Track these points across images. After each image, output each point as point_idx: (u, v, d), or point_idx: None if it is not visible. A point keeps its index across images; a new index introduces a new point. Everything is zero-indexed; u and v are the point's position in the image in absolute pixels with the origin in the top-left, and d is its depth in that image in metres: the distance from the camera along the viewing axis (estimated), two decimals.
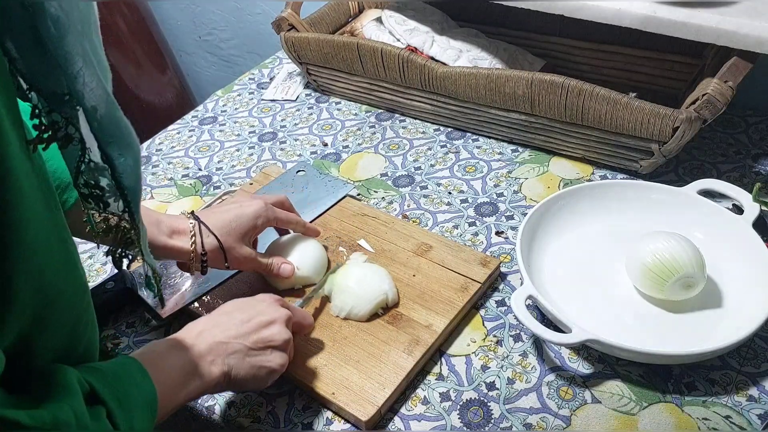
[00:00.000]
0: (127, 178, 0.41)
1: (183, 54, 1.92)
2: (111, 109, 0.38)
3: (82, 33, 0.35)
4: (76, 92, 0.35)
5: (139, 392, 0.45)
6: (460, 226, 0.81)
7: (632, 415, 0.59)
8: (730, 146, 0.89)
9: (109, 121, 0.38)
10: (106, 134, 0.38)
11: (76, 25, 0.34)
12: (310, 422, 0.61)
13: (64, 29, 0.33)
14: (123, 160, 0.40)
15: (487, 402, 0.61)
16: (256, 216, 0.67)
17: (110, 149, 0.39)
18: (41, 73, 0.34)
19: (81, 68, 0.35)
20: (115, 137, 0.39)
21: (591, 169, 0.87)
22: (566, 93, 0.79)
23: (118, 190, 0.41)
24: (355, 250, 0.76)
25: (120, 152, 0.40)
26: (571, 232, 0.75)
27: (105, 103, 0.38)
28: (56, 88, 0.35)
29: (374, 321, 0.67)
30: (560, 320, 0.61)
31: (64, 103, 0.35)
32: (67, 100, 0.35)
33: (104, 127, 0.38)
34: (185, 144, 1.04)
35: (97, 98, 0.37)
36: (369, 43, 0.94)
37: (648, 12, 0.75)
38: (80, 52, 0.35)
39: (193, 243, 0.63)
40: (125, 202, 0.42)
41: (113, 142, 0.39)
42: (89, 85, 0.36)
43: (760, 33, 0.71)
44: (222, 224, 0.65)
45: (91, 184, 0.41)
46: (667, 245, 0.63)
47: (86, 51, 0.35)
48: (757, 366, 0.62)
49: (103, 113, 0.37)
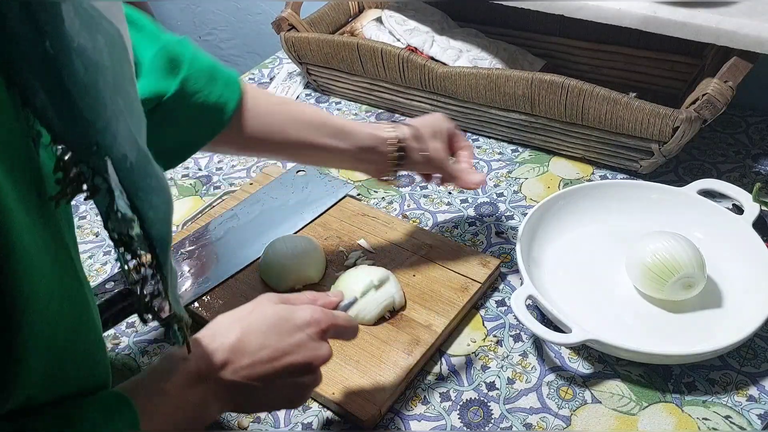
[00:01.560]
0: (155, 229, 0.38)
1: None
2: (141, 160, 0.36)
3: (114, 84, 0.33)
4: (105, 144, 0.33)
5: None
6: (460, 226, 0.81)
7: (632, 415, 0.59)
8: (730, 146, 0.89)
9: (138, 172, 0.36)
10: (134, 184, 0.35)
11: (108, 76, 0.32)
12: (310, 422, 0.61)
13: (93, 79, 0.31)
14: (152, 213, 0.37)
15: (487, 402, 0.61)
16: (443, 119, 0.71)
17: (138, 200, 0.36)
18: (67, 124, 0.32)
19: (110, 121, 0.33)
20: (144, 188, 0.36)
21: (591, 169, 0.88)
22: (566, 93, 0.79)
23: (146, 239, 0.38)
24: (354, 250, 0.76)
25: (149, 203, 0.37)
26: (571, 232, 0.75)
27: (136, 154, 0.35)
28: (83, 139, 0.32)
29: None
30: (560, 320, 0.61)
31: (91, 154, 0.33)
32: (95, 151, 0.33)
33: (133, 178, 0.35)
34: None
35: (127, 149, 0.34)
36: (369, 43, 0.94)
37: (648, 12, 0.75)
38: (110, 104, 0.33)
39: (393, 129, 0.66)
40: (153, 253, 0.39)
41: (141, 192, 0.36)
42: (119, 136, 0.34)
43: (760, 33, 0.71)
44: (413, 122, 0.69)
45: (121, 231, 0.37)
46: (667, 245, 0.63)
47: (117, 102, 0.33)
48: (757, 366, 0.62)
49: (133, 163, 0.35)
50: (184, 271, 0.75)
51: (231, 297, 0.72)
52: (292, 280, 0.71)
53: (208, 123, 0.60)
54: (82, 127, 0.32)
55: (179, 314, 0.42)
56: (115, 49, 0.34)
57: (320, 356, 0.50)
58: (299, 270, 0.71)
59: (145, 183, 0.36)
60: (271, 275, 0.72)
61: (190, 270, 0.75)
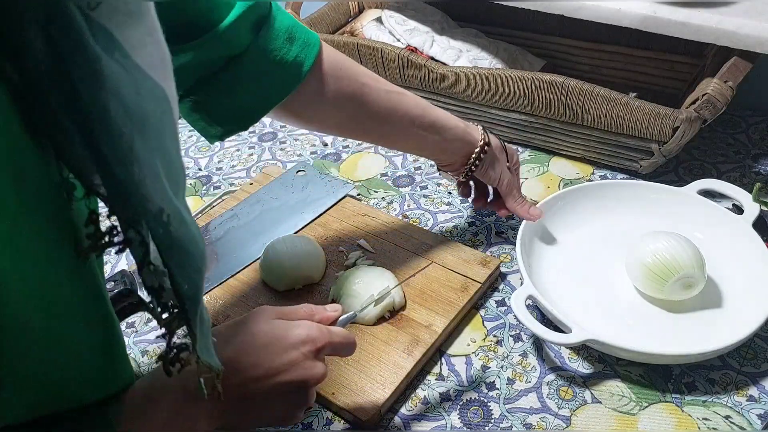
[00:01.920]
0: (185, 287, 0.37)
1: None
2: (175, 219, 0.35)
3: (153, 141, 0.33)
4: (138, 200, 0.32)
5: None
6: (460, 226, 0.81)
7: (632, 415, 0.59)
8: (730, 146, 0.89)
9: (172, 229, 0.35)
10: (166, 243, 0.35)
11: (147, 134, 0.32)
12: (310, 422, 0.61)
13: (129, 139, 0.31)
14: (181, 270, 0.36)
15: (487, 402, 0.61)
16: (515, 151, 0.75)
17: (169, 256, 0.35)
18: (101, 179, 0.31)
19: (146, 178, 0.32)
20: (176, 246, 0.35)
21: (591, 169, 0.87)
22: (566, 93, 0.79)
23: (176, 296, 0.37)
24: (354, 250, 0.76)
25: (180, 261, 0.36)
26: (571, 232, 0.75)
27: (171, 211, 0.34)
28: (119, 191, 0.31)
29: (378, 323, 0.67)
30: (560, 320, 0.61)
31: (125, 208, 0.32)
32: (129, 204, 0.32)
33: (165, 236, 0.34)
34: (185, 144, 1.04)
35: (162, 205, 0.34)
36: (369, 43, 0.94)
37: (648, 12, 0.75)
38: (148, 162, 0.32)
39: (484, 133, 0.70)
40: (182, 310, 0.37)
41: (174, 250, 0.35)
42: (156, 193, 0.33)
43: (760, 33, 0.71)
44: None
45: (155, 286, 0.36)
46: (667, 245, 0.63)
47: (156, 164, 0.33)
48: (757, 366, 0.62)
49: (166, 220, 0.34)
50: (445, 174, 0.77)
51: (231, 297, 0.72)
52: (292, 280, 0.71)
53: (282, 79, 0.59)
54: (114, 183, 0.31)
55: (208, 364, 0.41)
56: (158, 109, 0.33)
57: (315, 375, 0.48)
58: (299, 270, 0.71)
59: (178, 241, 0.35)
60: (272, 275, 0.72)
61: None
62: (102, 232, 0.33)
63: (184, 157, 1.00)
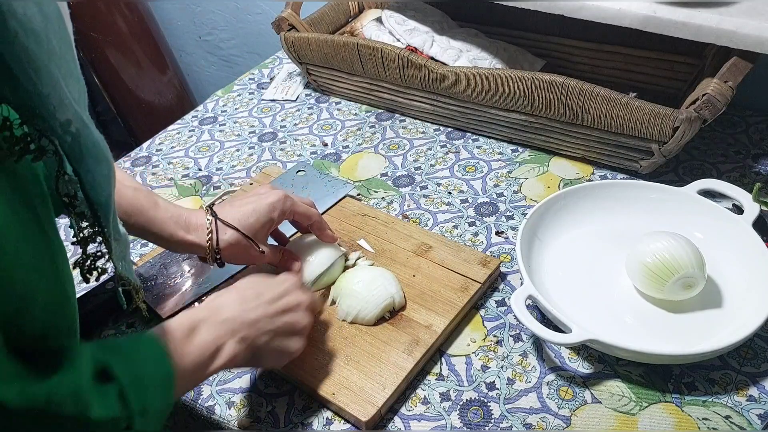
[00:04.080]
0: (96, 193, 0.41)
1: (183, 54, 1.92)
2: (81, 127, 0.38)
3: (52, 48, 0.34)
4: (45, 110, 0.35)
5: (155, 370, 0.45)
6: (460, 226, 0.81)
7: (632, 415, 0.59)
8: (730, 146, 0.89)
9: (79, 138, 0.38)
10: (75, 150, 0.38)
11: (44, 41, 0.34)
12: (310, 422, 0.61)
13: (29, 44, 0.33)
14: (92, 177, 0.40)
15: (487, 402, 0.61)
16: (272, 209, 0.66)
17: (80, 165, 0.39)
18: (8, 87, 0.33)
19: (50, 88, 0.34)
20: (85, 154, 0.39)
21: (591, 169, 0.88)
22: (566, 93, 0.79)
23: (87, 203, 0.41)
24: (354, 250, 0.76)
25: (90, 168, 0.40)
26: (571, 232, 0.75)
27: (75, 121, 0.37)
28: (25, 102, 0.34)
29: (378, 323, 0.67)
30: (560, 320, 0.61)
31: (34, 116, 0.35)
32: (37, 114, 0.35)
33: (74, 144, 0.38)
34: (185, 144, 1.04)
35: (68, 116, 0.36)
36: (369, 43, 0.94)
37: (648, 12, 0.75)
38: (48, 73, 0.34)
39: (209, 239, 0.64)
40: (95, 216, 0.42)
41: (83, 158, 0.39)
42: (58, 104, 0.35)
43: (760, 33, 0.71)
44: (239, 218, 0.65)
45: (70, 194, 0.40)
46: (667, 245, 0.63)
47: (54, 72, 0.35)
48: (757, 366, 0.62)
49: (73, 131, 0.37)
50: (185, 271, 0.75)
51: None
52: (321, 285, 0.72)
53: None
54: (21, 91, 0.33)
55: (125, 276, 0.45)
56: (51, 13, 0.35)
57: (307, 299, 0.59)
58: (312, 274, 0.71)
59: (86, 150, 0.39)
60: None
61: (190, 270, 0.75)
62: (17, 137, 0.35)
63: (185, 157, 1.00)
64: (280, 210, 0.67)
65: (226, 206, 0.66)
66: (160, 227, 0.62)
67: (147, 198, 0.63)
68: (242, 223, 0.65)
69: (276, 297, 0.57)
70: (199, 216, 0.65)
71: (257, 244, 0.66)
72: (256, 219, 0.65)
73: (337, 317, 0.68)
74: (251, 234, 0.65)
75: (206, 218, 0.64)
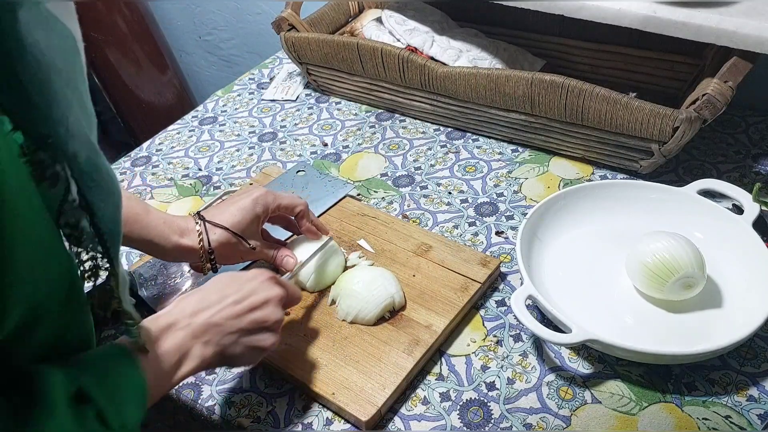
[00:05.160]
0: (105, 224, 0.41)
1: (183, 54, 1.92)
2: (93, 157, 0.38)
3: (67, 79, 0.35)
4: (58, 138, 0.35)
5: (129, 384, 0.45)
6: (460, 226, 0.81)
7: (632, 415, 0.59)
8: (730, 146, 0.89)
9: (90, 168, 0.38)
10: (85, 180, 0.38)
11: (60, 72, 0.34)
12: (310, 422, 0.61)
13: (46, 74, 0.33)
14: (102, 206, 0.40)
15: (487, 402, 0.61)
16: (255, 204, 0.67)
17: (90, 195, 0.39)
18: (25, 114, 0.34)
19: (64, 116, 0.35)
20: (95, 184, 0.39)
21: (591, 169, 0.88)
22: (566, 93, 0.79)
23: (96, 235, 0.41)
24: (354, 250, 0.76)
25: (100, 198, 0.40)
26: (571, 232, 0.75)
27: (87, 151, 0.38)
28: (40, 129, 0.35)
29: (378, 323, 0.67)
30: (560, 320, 0.61)
31: (48, 145, 0.35)
32: (51, 143, 0.35)
33: (84, 173, 0.38)
34: (185, 144, 1.04)
35: (80, 145, 0.37)
36: (369, 43, 0.94)
37: (648, 12, 0.75)
38: (64, 100, 0.35)
39: (201, 241, 0.64)
40: (103, 247, 0.42)
41: (93, 188, 0.39)
42: (72, 132, 0.36)
43: (760, 33, 0.71)
44: (225, 218, 0.66)
45: (72, 223, 0.40)
46: (667, 245, 0.63)
47: (69, 98, 0.35)
48: (757, 366, 0.62)
49: (84, 160, 0.37)
50: (184, 271, 0.75)
51: None
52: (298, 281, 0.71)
53: None
54: (38, 118, 0.34)
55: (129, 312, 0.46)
56: (68, 47, 0.36)
57: (276, 294, 0.57)
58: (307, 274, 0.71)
59: (96, 179, 0.39)
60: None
61: (190, 270, 0.75)
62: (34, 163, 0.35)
63: (184, 157, 1.00)
64: (263, 204, 0.67)
65: (211, 210, 0.67)
66: (156, 233, 0.63)
67: (139, 204, 0.63)
68: (229, 221, 0.66)
69: (242, 296, 0.56)
70: (188, 221, 0.66)
71: (246, 240, 0.66)
72: (242, 216, 0.66)
73: (337, 317, 0.68)
74: (239, 231, 0.66)
75: (195, 222, 0.65)
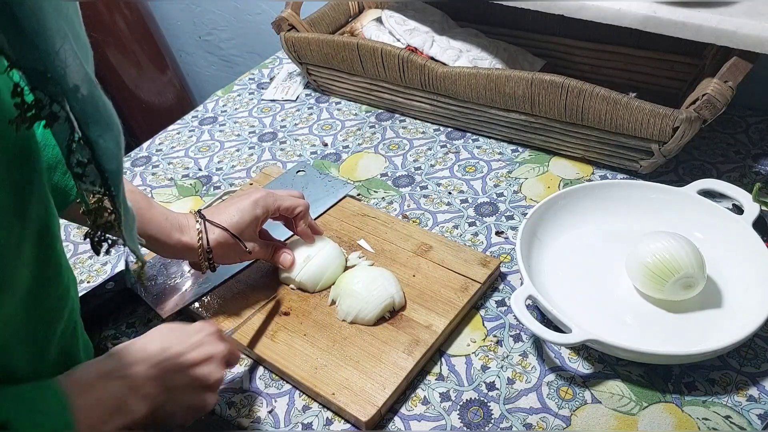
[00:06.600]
0: (107, 160, 0.40)
1: (183, 54, 1.92)
2: (92, 90, 0.37)
3: (59, 10, 0.34)
4: (56, 71, 0.34)
5: (54, 425, 0.43)
6: (460, 226, 0.81)
7: (632, 415, 0.59)
8: (730, 146, 0.89)
9: (89, 102, 0.37)
10: (86, 115, 0.37)
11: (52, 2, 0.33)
12: (310, 422, 0.61)
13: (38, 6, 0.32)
14: (103, 142, 0.39)
15: (487, 402, 0.61)
16: (255, 205, 0.67)
17: (90, 131, 0.38)
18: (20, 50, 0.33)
19: (60, 47, 0.34)
20: (95, 118, 0.38)
21: (591, 169, 0.88)
22: (566, 93, 0.79)
23: (98, 172, 0.40)
24: (354, 250, 0.76)
25: (100, 134, 0.39)
26: (571, 232, 0.75)
27: (86, 83, 0.37)
28: (36, 65, 0.34)
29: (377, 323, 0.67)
30: (560, 320, 0.61)
31: (46, 81, 0.34)
32: (49, 78, 0.34)
33: (85, 108, 0.37)
34: (185, 144, 1.04)
35: (78, 78, 0.36)
36: (369, 43, 0.94)
37: (648, 12, 0.75)
38: (58, 31, 0.34)
39: (200, 239, 0.64)
40: (105, 185, 0.41)
41: (93, 123, 0.38)
42: (69, 64, 0.35)
43: (760, 33, 0.71)
44: (225, 219, 0.66)
45: (84, 162, 0.39)
46: (667, 245, 0.63)
47: (64, 29, 0.34)
48: (757, 366, 0.62)
49: (84, 94, 0.37)
50: (185, 271, 0.75)
51: (231, 297, 0.72)
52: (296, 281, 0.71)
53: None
54: (32, 53, 0.33)
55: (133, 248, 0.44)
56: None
57: (219, 351, 0.55)
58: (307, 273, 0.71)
59: (95, 114, 0.38)
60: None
61: (190, 270, 0.75)
62: (29, 104, 0.35)
63: (184, 157, 1.00)
64: (263, 206, 0.67)
65: (212, 209, 0.68)
66: (157, 228, 0.63)
67: (143, 198, 0.63)
68: (228, 221, 0.66)
69: (185, 350, 0.53)
70: (189, 218, 0.66)
71: (243, 242, 0.67)
72: (241, 217, 0.66)
73: (337, 317, 0.68)
74: (237, 232, 0.66)
75: (195, 220, 0.65)
